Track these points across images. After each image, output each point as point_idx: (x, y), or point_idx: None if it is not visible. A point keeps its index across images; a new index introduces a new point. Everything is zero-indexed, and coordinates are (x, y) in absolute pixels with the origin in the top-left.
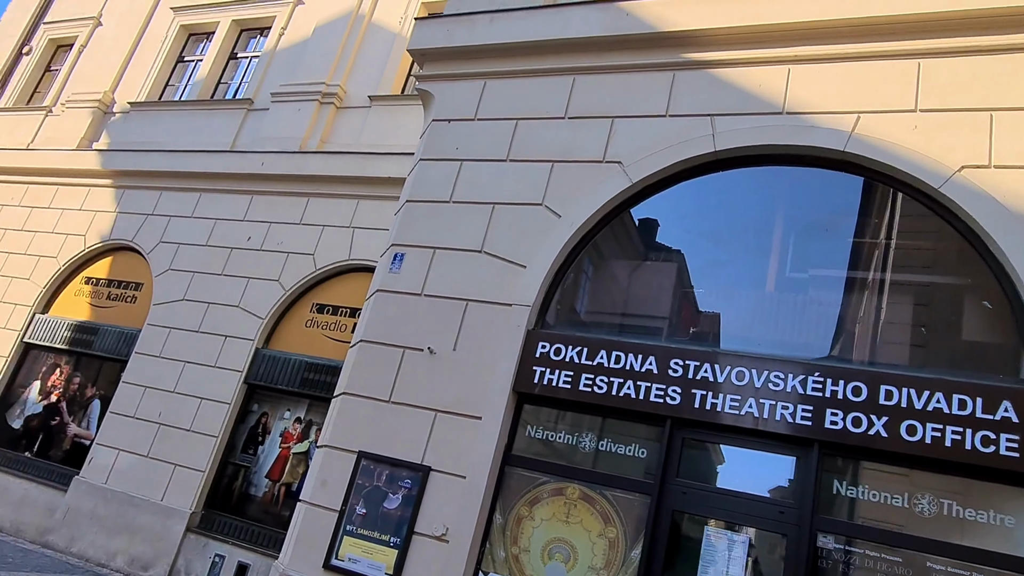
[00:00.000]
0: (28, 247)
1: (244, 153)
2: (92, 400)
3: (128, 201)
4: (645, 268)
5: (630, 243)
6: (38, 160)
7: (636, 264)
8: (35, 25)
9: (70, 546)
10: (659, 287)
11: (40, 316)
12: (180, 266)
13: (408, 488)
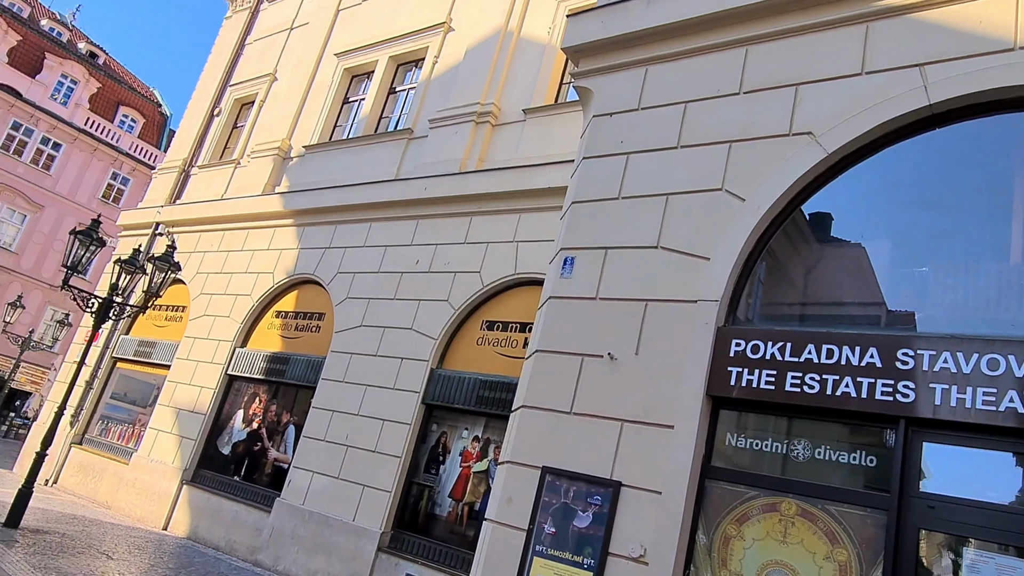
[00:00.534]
0: (227, 287)
1: (407, 180)
2: (288, 425)
3: (308, 237)
4: (850, 249)
5: (829, 221)
6: (231, 208)
7: (839, 245)
8: (222, 89)
9: (276, 564)
10: (870, 269)
11: (240, 350)
12: (356, 294)
13: (598, 505)
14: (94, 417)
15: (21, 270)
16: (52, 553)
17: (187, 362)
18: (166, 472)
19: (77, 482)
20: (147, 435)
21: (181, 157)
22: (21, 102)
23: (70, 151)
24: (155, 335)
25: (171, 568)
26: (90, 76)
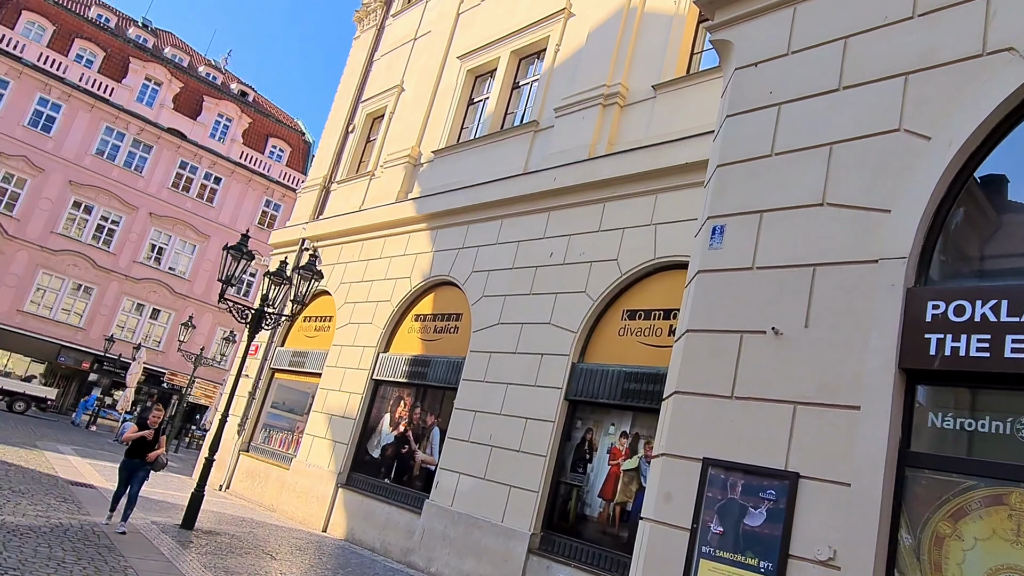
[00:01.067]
0: (368, 295)
1: (536, 173)
2: (433, 427)
3: (441, 239)
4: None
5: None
6: (368, 218)
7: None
8: (355, 106)
9: (429, 566)
10: None
11: (383, 355)
12: (492, 292)
13: (772, 500)
14: (258, 426)
15: (194, 295)
16: (222, 553)
17: (336, 369)
18: (322, 476)
19: (246, 487)
20: (304, 441)
21: (321, 175)
22: (186, 143)
23: (228, 183)
24: (306, 345)
25: (329, 569)
26: (242, 113)
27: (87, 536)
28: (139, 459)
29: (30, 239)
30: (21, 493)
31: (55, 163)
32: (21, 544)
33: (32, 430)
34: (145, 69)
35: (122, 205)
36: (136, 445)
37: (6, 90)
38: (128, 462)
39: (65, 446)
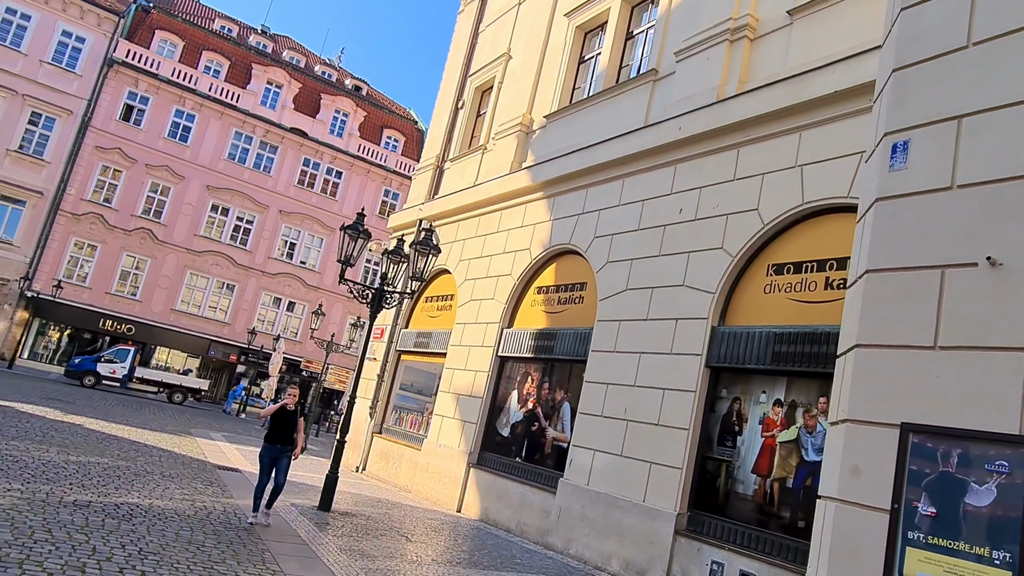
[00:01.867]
0: (488, 270)
1: (658, 124)
2: (562, 403)
3: (559, 207)
4: None
5: None
6: (483, 192)
7: None
8: (463, 82)
9: (567, 547)
10: None
11: (507, 330)
12: (617, 257)
13: (1005, 473)
14: (389, 408)
15: (324, 286)
16: (358, 535)
17: (460, 348)
18: (453, 456)
19: (381, 468)
20: (433, 422)
21: (434, 154)
22: (308, 140)
23: (349, 176)
24: (430, 325)
25: (465, 551)
26: (357, 107)
27: (228, 520)
28: (280, 444)
29: (177, 243)
30: (171, 477)
31: (193, 170)
32: (164, 528)
33: (188, 419)
34: (266, 73)
35: (254, 205)
36: (276, 430)
37: (147, 105)
38: (269, 448)
39: (216, 433)
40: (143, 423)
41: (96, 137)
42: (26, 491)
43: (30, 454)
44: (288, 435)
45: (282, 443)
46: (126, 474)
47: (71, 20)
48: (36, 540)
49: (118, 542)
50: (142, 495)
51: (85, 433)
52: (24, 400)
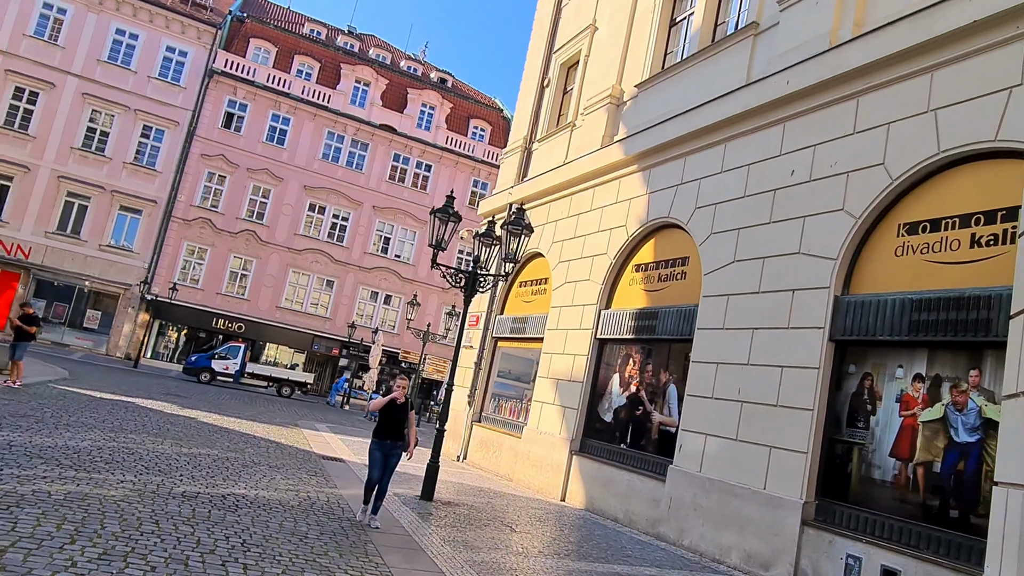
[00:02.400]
0: (582, 251)
1: (762, 81)
2: (668, 385)
3: (656, 179)
4: None
5: None
6: (573, 171)
7: None
8: (547, 59)
9: (680, 538)
10: None
11: (605, 311)
12: (722, 227)
13: None
14: (487, 396)
15: (419, 279)
16: (461, 526)
17: (557, 332)
18: (555, 443)
19: (481, 457)
20: (533, 408)
21: (521, 136)
22: (397, 136)
23: (438, 169)
24: (525, 310)
25: (572, 542)
26: (443, 99)
27: (332, 510)
28: (391, 440)
29: (279, 242)
30: (277, 468)
31: (291, 171)
32: (268, 519)
33: (295, 411)
34: (355, 72)
35: (349, 202)
36: (386, 425)
37: (246, 112)
38: (380, 443)
39: (321, 424)
40: (253, 416)
41: (201, 145)
42: (138, 482)
43: (146, 447)
44: (398, 430)
45: (393, 439)
46: (234, 465)
47: (174, 36)
48: (143, 532)
49: (222, 534)
50: (248, 486)
51: (198, 426)
52: (145, 396)
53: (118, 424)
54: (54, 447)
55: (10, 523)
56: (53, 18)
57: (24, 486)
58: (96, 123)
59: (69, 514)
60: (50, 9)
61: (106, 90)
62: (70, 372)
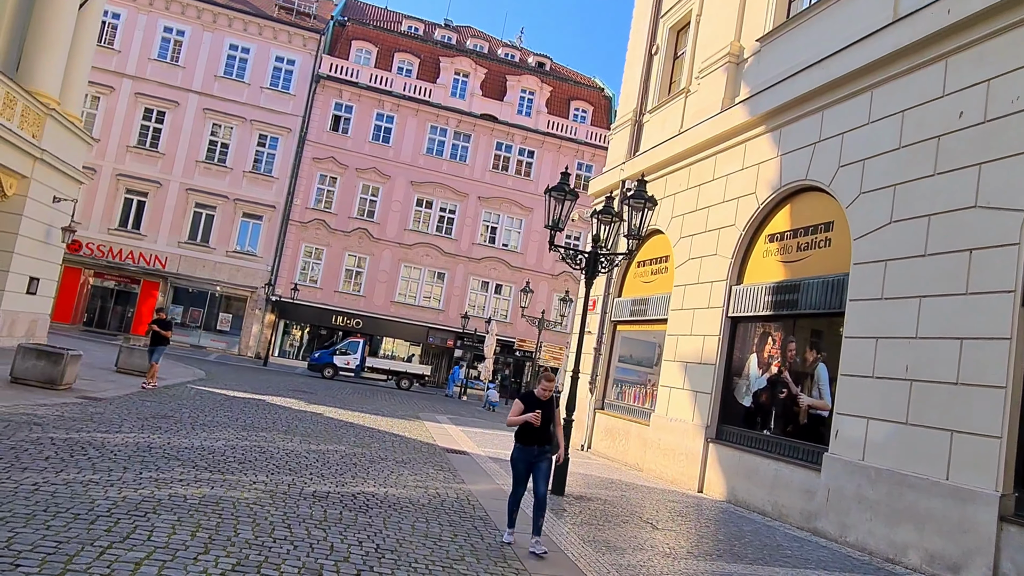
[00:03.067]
0: (706, 224)
1: (914, 15)
2: (816, 364)
3: (788, 139)
4: None
5: None
6: (691, 139)
7: None
8: (654, 25)
9: (843, 534)
10: None
11: (736, 287)
12: (873, 185)
13: None
14: (608, 382)
15: (528, 266)
16: (597, 523)
17: (683, 312)
18: (687, 430)
19: (606, 446)
20: (660, 394)
21: (630, 109)
22: (498, 124)
23: (541, 155)
24: (645, 291)
25: (721, 540)
26: (542, 84)
27: (463, 507)
28: (537, 445)
29: (390, 238)
30: (403, 463)
31: (397, 168)
32: (400, 520)
33: (415, 403)
34: (453, 64)
35: (455, 194)
36: (529, 427)
37: (352, 113)
38: (524, 450)
39: (441, 416)
40: (375, 409)
41: (312, 149)
42: (269, 483)
43: (276, 444)
44: (544, 432)
45: (540, 443)
46: (361, 461)
47: (282, 45)
48: (275, 538)
49: (355, 538)
50: (377, 483)
51: (325, 422)
52: (274, 393)
53: (249, 422)
54: (190, 448)
55: (146, 532)
56: (173, 40)
57: (162, 490)
58: (217, 136)
59: (204, 520)
60: (170, 32)
61: (224, 103)
62: (206, 373)
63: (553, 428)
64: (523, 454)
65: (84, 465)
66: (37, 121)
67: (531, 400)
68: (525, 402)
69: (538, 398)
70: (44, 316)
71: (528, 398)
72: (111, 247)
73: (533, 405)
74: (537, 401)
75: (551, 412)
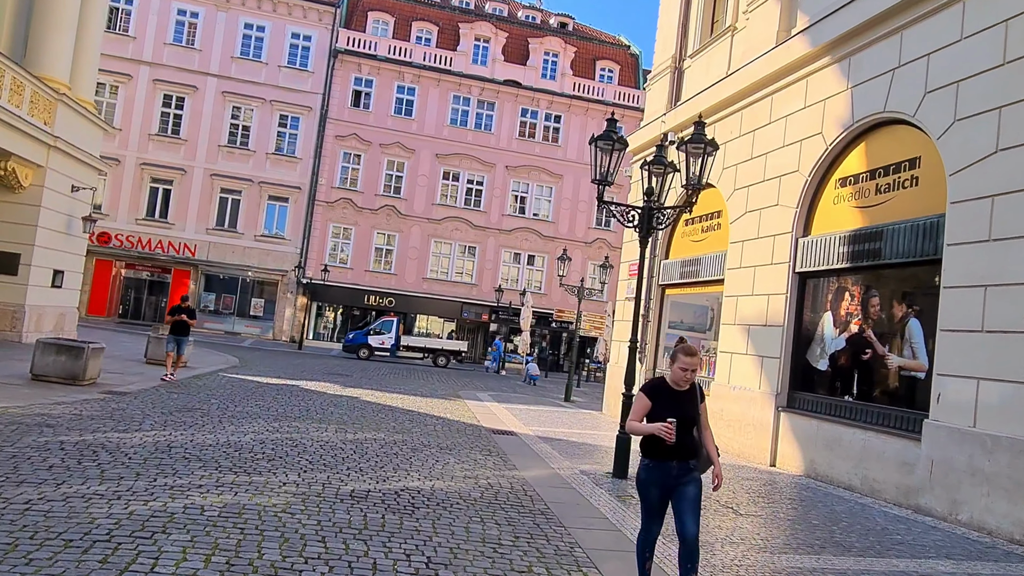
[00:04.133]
0: (764, 172)
1: None
2: (906, 320)
3: (859, 68)
4: None
5: None
6: (741, 81)
7: None
8: None
9: (954, 512)
10: None
11: (803, 239)
12: (969, 110)
13: None
14: (659, 351)
15: (560, 235)
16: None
17: (741, 271)
18: (754, 399)
19: None
20: (719, 361)
21: (669, 55)
22: (522, 90)
23: (568, 119)
24: (695, 251)
25: (816, 524)
26: (566, 44)
27: (519, 500)
28: (676, 459)
29: (418, 214)
30: (448, 449)
31: (421, 141)
32: (452, 521)
33: (454, 381)
34: (473, 30)
35: (481, 165)
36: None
37: (372, 88)
38: (656, 468)
39: (482, 393)
40: (413, 390)
41: (334, 127)
42: (302, 483)
43: (310, 435)
44: (687, 440)
45: (681, 456)
46: (403, 450)
47: (296, 21)
48: (307, 557)
49: (401, 550)
50: (421, 476)
51: (361, 406)
52: (308, 378)
53: (282, 411)
54: (215, 445)
55: (151, 560)
56: (188, 23)
57: (176, 501)
58: (238, 119)
59: (222, 538)
60: (184, 15)
61: (242, 85)
62: (240, 359)
63: (699, 433)
64: (656, 474)
65: (91, 474)
66: (48, 107)
67: (661, 392)
68: (652, 395)
69: (672, 387)
70: (72, 309)
71: (656, 390)
72: (140, 238)
73: (664, 399)
74: (670, 393)
75: (694, 408)
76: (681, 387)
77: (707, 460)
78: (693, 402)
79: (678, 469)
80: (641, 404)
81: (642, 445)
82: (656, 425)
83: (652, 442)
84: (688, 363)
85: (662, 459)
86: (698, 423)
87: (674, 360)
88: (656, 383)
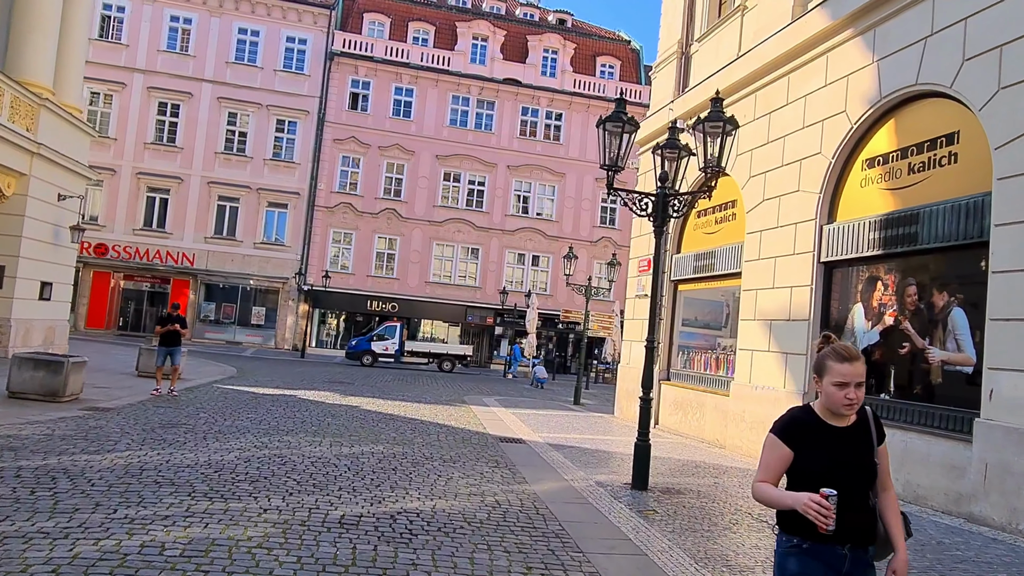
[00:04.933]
0: (782, 156)
1: None
2: (948, 309)
3: (886, 39)
4: None
5: None
6: (755, 61)
7: None
8: None
9: (1014, 521)
10: None
11: (828, 227)
12: (1015, 76)
13: None
14: (672, 349)
15: (564, 235)
16: (703, 529)
17: (760, 263)
18: (779, 399)
19: (677, 420)
20: (739, 358)
21: (675, 40)
22: (522, 88)
23: (569, 116)
24: (709, 244)
25: None
26: (565, 41)
27: (531, 519)
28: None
29: (419, 217)
30: (452, 462)
31: (421, 143)
32: (455, 553)
33: (459, 386)
34: (471, 29)
35: (483, 166)
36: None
37: (370, 90)
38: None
39: (489, 398)
40: (417, 396)
41: (332, 130)
42: (286, 508)
43: (301, 451)
44: (862, 517)
45: (852, 539)
46: (402, 464)
47: (291, 24)
48: None
49: None
50: (422, 495)
51: (361, 416)
52: (308, 387)
53: (274, 424)
54: (194, 465)
55: None
56: (181, 29)
57: (134, 537)
58: (234, 125)
59: None
60: (177, 21)
61: (238, 90)
62: (239, 369)
63: (875, 500)
64: (813, 566)
65: (42, 506)
66: (30, 113)
67: (807, 432)
68: (794, 440)
69: (826, 423)
70: (63, 322)
71: (799, 430)
72: (137, 248)
73: (813, 443)
74: (826, 431)
75: (868, 455)
76: (844, 422)
77: (885, 541)
78: (866, 444)
79: (848, 557)
80: (775, 456)
81: (780, 514)
82: (802, 502)
83: (794, 516)
84: (850, 374)
85: (821, 541)
86: (873, 486)
87: (822, 371)
88: (798, 417)
